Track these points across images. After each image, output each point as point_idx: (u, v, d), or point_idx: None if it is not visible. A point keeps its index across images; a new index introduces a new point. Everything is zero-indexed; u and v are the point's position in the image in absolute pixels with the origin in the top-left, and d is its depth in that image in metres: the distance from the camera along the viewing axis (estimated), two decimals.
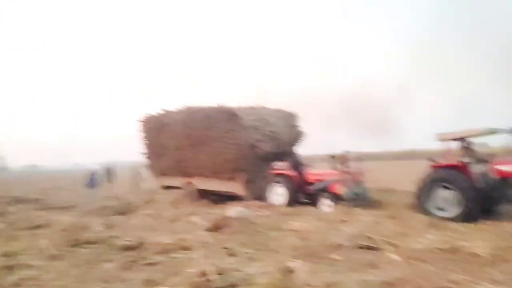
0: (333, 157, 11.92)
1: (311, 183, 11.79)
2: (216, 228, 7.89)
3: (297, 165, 12.37)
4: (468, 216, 8.48)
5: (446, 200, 8.97)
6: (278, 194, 11.89)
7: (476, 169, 9.25)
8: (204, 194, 13.70)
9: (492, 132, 9.29)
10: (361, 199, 11.34)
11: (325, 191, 11.25)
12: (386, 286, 4.35)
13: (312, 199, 11.55)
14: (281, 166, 12.33)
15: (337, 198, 10.88)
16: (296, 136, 14.49)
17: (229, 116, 12.66)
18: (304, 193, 11.88)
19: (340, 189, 10.92)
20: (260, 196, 12.33)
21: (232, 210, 9.07)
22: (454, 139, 9.82)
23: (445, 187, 9.01)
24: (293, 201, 11.60)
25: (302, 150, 14.70)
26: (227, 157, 12.59)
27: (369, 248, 6.17)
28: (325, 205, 10.97)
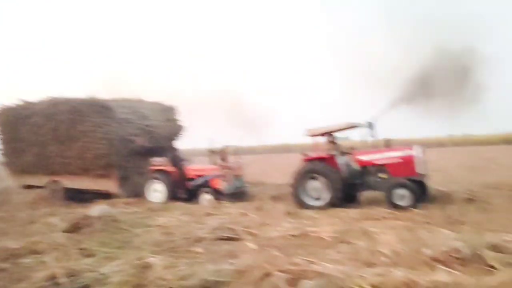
0: (212, 152, 11.98)
1: (191, 179, 11.59)
2: (74, 228, 7.33)
3: (176, 160, 11.98)
4: (336, 203, 9.20)
5: (317, 190, 9.61)
6: (157, 191, 11.41)
7: (341, 160, 10.07)
8: (74, 194, 12.50)
9: (353, 126, 10.17)
10: (241, 193, 11.64)
11: (206, 186, 11.21)
12: (237, 274, 4.39)
13: (192, 195, 11.36)
14: (159, 162, 11.80)
15: (217, 193, 10.92)
16: (175, 130, 14.08)
17: (99, 108, 11.78)
18: (184, 189, 11.57)
19: (220, 184, 11.01)
20: (137, 193, 11.72)
21: (95, 208, 8.42)
22: (322, 134, 10.52)
23: (316, 178, 9.63)
24: (172, 198, 11.19)
25: (182, 144, 14.39)
26: (98, 153, 11.70)
27: (230, 239, 6.33)
28: (206, 200, 10.92)
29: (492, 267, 3.98)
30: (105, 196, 11.83)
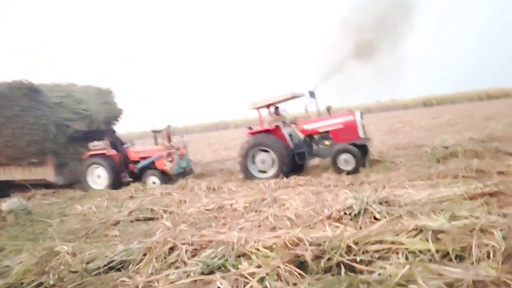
0: (157, 132, 11.67)
1: (135, 161, 11.23)
2: None
3: (117, 143, 11.62)
4: (283, 173, 9.26)
5: (265, 162, 9.66)
6: (98, 176, 10.96)
7: (286, 131, 10.04)
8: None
9: (295, 96, 10.10)
10: (186, 173, 11.44)
11: (151, 168, 10.91)
12: (144, 251, 4.27)
13: (137, 178, 11.01)
14: (99, 146, 11.18)
15: (163, 174, 10.68)
16: (113, 113, 13.53)
17: (27, 92, 11.07)
18: (128, 173, 11.23)
19: (166, 165, 10.75)
20: (75, 180, 11.29)
21: (6, 203, 7.92)
22: (266, 106, 10.48)
23: (263, 150, 9.65)
24: (116, 183, 10.79)
25: (120, 127, 14.03)
26: (31, 139, 11.06)
27: (148, 219, 6.31)
28: (152, 182, 10.62)
29: (377, 218, 4.18)
30: (36, 186, 11.24)
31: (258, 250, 3.59)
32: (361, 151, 9.28)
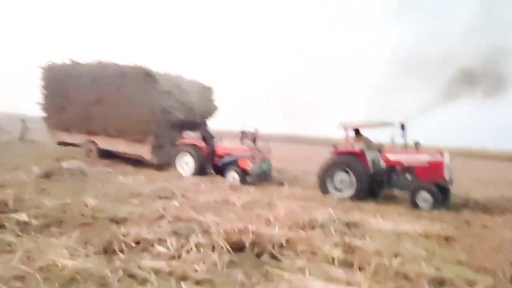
0: (243, 133, 12.17)
1: (220, 156, 11.90)
2: (46, 175, 8.54)
3: (207, 137, 12.36)
4: (359, 196, 9.22)
5: (343, 182, 9.63)
6: (186, 163, 11.83)
7: (369, 156, 9.75)
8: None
9: (386, 124, 9.77)
10: (265, 176, 11.68)
11: (234, 165, 11.42)
12: (140, 215, 5.33)
13: (220, 172, 11.69)
14: (192, 136, 12.22)
15: (244, 173, 11.11)
16: (210, 109, 14.46)
17: (145, 76, 12.29)
18: (212, 165, 11.98)
19: (247, 165, 11.16)
20: (167, 162, 12.31)
21: (69, 162, 9.69)
22: (354, 128, 10.39)
23: (344, 171, 9.62)
24: (200, 172, 11.55)
25: (214, 123, 14.75)
26: (138, 119, 12.27)
27: (165, 197, 7.28)
28: (232, 178, 11.12)
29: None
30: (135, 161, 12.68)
31: (219, 231, 4.43)
32: (443, 193, 8.69)
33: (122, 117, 12.59)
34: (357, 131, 10.50)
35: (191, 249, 3.98)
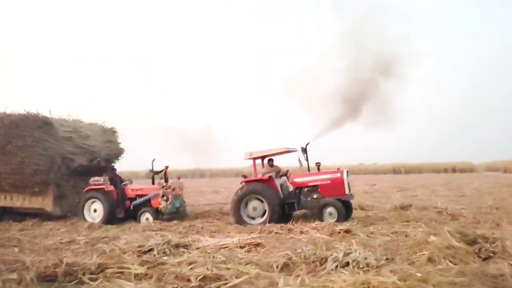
0: (155, 172, 12.13)
1: (131, 198, 11.66)
2: None
3: (116, 180, 12.06)
4: (273, 221, 9.61)
5: (256, 209, 10.11)
6: (95, 210, 11.34)
7: (278, 182, 10.56)
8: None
9: (289, 151, 10.84)
10: (180, 213, 11.77)
11: (146, 205, 11.33)
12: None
13: (131, 215, 11.46)
14: (98, 181, 11.64)
15: (157, 212, 11.08)
16: (115, 151, 14.11)
17: (41, 124, 11.67)
18: (123, 209, 11.62)
19: (160, 204, 11.14)
20: (73, 212, 11.67)
21: None
22: (260, 157, 11.15)
23: (256, 198, 10.11)
24: (110, 218, 11.15)
25: (121, 165, 14.44)
26: (37, 169, 11.52)
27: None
28: (145, 218, 11.04)
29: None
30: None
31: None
32: (345, 206, 9.79)
33: (17, 169, 11.61)
34: (269, 160, 11.25)
35: None
